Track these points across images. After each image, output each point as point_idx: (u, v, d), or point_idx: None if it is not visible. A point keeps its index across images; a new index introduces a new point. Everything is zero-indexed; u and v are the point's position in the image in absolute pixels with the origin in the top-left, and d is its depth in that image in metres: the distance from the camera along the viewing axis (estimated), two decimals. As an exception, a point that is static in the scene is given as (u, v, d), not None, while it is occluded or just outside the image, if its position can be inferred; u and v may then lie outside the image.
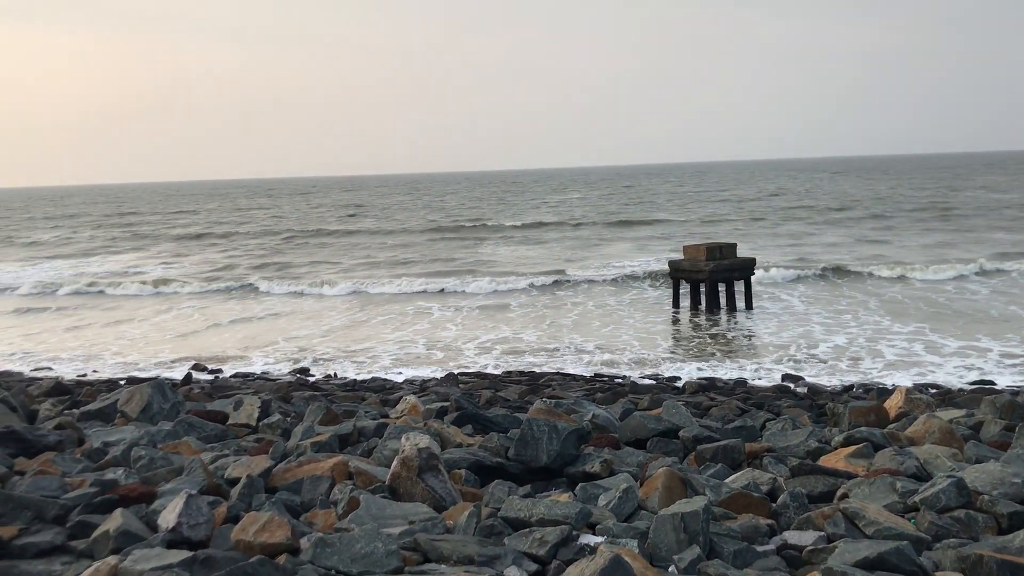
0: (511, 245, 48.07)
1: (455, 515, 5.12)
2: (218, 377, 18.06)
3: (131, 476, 5.99)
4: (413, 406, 9.22)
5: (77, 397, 12.08)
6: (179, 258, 48.07)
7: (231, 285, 34.17)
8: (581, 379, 16.96)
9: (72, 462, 6.65)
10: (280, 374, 18.61)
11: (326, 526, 5.02)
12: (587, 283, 31.06)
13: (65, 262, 47.79)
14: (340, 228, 62.20)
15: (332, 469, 5.94)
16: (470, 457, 6.49)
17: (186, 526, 4.68)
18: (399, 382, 17.16)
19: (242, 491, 5.51)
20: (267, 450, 6.83)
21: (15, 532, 4.79)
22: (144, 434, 7.45)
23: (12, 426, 7.28)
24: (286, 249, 50.36)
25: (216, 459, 6.56)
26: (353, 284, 32.94)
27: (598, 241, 48.11)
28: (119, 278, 37.40)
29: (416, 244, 50.09)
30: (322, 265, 41.82)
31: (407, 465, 5.51)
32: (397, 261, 42.07)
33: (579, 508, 4.94)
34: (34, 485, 5.53)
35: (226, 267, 41.54)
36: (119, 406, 8.75)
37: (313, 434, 7.25)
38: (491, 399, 13.12)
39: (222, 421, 8.47)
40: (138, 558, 4.26)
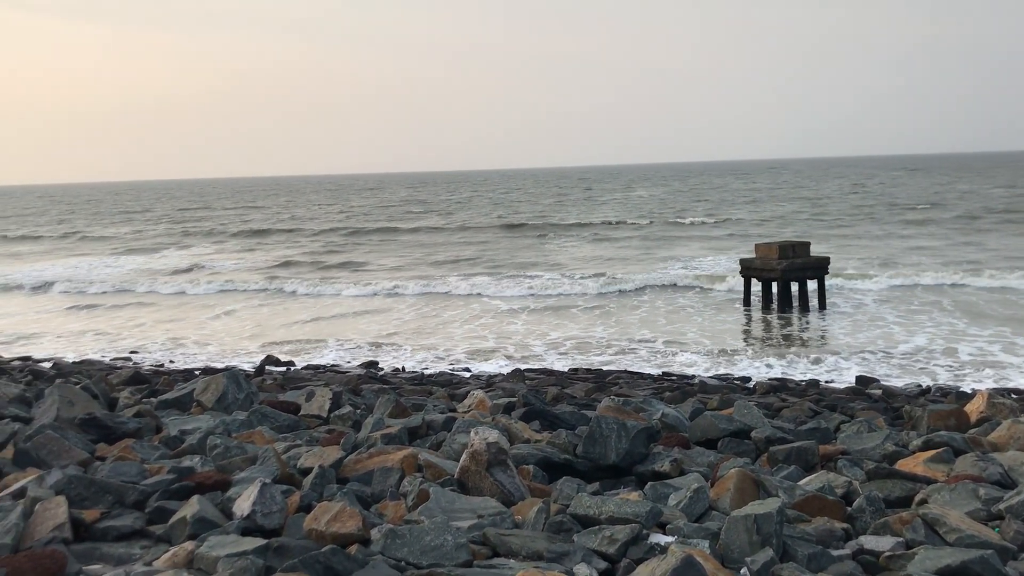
0: (577, 242, 47.89)
1: (524, 511, 5.11)
2: (289, 369, 18.36)
3: (207, 464, 6.13)
4: (481, 401, 9.26)
5: (155, 386, 12.40)
6: (250, 253, 49.04)
7: (299, 281, 34.70)
8: (648, 378, 16.82)
9: (150, 449, 6.83)
10: (349, 367, 18.84)
11: (396, 517, 5.06)
12: (655, 282, 30.78)
13: (140, 256, 49.13)
14: (405, 226, 62.62)
15: (402, 461, 5.99)
16: (538, 453, 6.48)
17: (260, 514, 4.76)
18: (466, 377, 17.23)
19: (314, 481, 5.59)
20: (338, 441, 6.91)
21: (97, 515, 4.94)
22: (219, 423, 7.61)
23: (94, 413, 7.52)
24: (352, 246, 50.99)
25: (289, 449, 6.67)
26: (421, 282, 33.20)
27: (666, 239, 47.60)
28: (191, 274, 38.28)
29: (482, 242, 50.19)
30: (388, 261, 42.25)
31: (476, 459, 5.52)
32: (463, 258, 42.24)
33: (649, 507, 4.89)
34: (115, 470, 5.69)
35: (293, 263, 42.18)
36: (195, 395, 8.95)
37: (383, 426, 7.32)
38: (557, 396, 13.09)
39: (294, 412, 8.60)
40: (214, 544, 4.35)
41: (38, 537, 4.57)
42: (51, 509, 4.73)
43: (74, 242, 61.46)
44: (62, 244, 60.20)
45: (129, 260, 47.21)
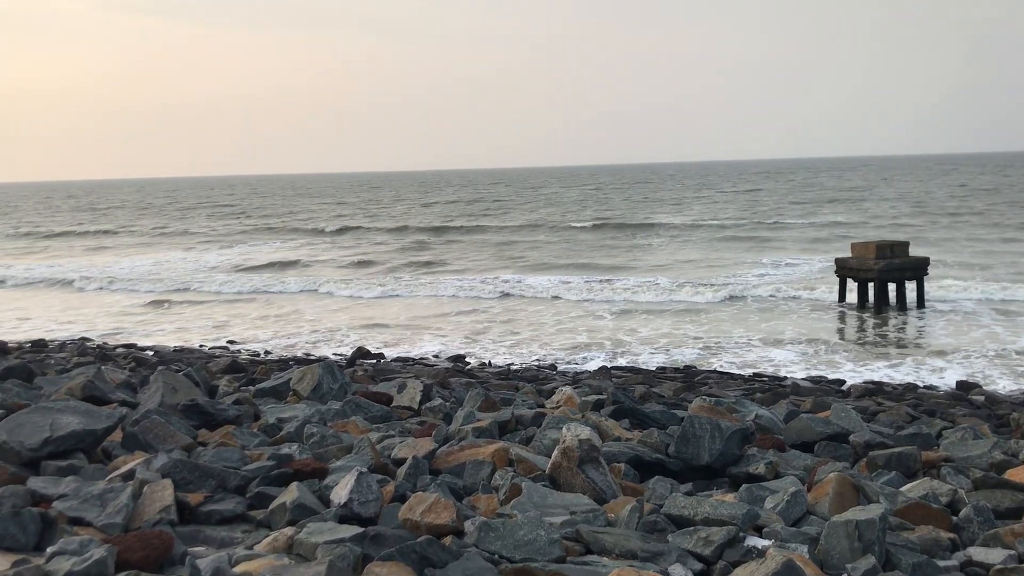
0: (668, 241, 47.32)
1: (616, 508, 5.08)
2: (379, 361, 18.67)
3: (304, 452, 6.26)
4: (569, 397, 9.23)
5: (252, 375, 12.74)
6: (340, 248, 49.98)
7: (389, 278, 35.17)
8: (739, 378, 16.55)
9: (250, 436, 7.02)
10: (437, 361, 19.06)
11: (489, 511, 5.08)
12: (748, 283, 30.21)
13: (228, 251, 50.53)
14: (492, 224, 62.68)
15: (493, 455, 6.01)
16: (629, 451, 6.43)
17: (357, 502, 4.84)
18: (552, 373, 17.24)
19: (408, 471, 5.66)
20: (430, 433, 6.99)
21: (201, 499, 5.09)
22: (315, 412, 7.78)
23: (196, 399, 7.76)
24: (442, 243, 51.44)
25: (382, 439, 6.77)
26: (508, 279, 33.30)
27: (759, 238, 46.59)
28: (276, 271, 39.08)
29: (572, 240, 49.96)
30: (475, 258, 42.49)
31: (568, 456, 5.51)
32: (552, 256, 42.17)
33: (746, 509, 4.80)
34: (217, 456, 5.87)
35: (382, 260, 42.70)
36: (292, 384, 9.17)
37: (474, 420, 7.37)
38: (645, 394, 12.99)
39: (386, 403, 8.73)
40: (312, 531, 4.44)
41: (146, 518, 4.74)
42: (158, 491, 4.90)
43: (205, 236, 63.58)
44: (214, 235, 62.37)
45: (213, 255, 48.65)
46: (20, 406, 6.97)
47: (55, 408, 5.97)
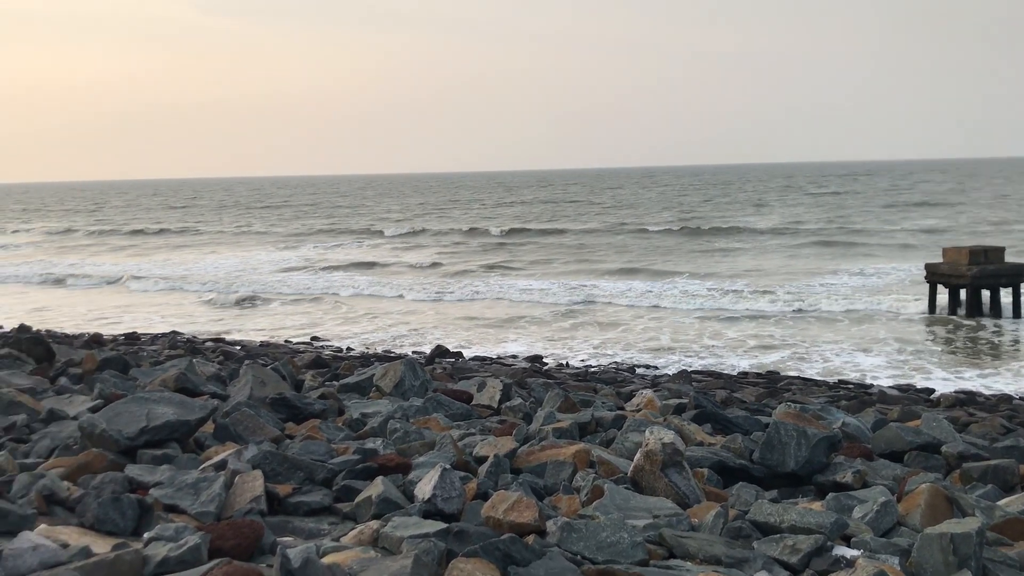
0: (748, 243, 46.51)
1: (700, 513, 5.03)
2: (458, 360, 18.82)
3: (388, 447, 6.36)
4: (650, 400, 9.17)
5: (336, 370, 12.98)
6: (417, 251, 50.48)
7: (463, 279, 35.34)
8: (823, 385, 16.19)
9: (335, 430, 7.16)
10: (515, 360, 19.12)
11: (570, 511, 5.08)
12: (832, 289, 29.48)
13: (307, 250, 51.49)
14: (570, 227, 62.25)
15: (574, 456, 6.01)
16: (712, 456, 6.36)
17: (440, 498, 4.90)
18: (630, 376, 17.13)
19: (489, 469, 5.69)
20: (510, 432, 7.02)
21: (289, 490, 5.22)
22: (397, 408, 7.88)
23: (284, 393, 7.95)
24: (515, 244, 51.47)
25: (463, 437, 6.83)
26: (582, 284, 33.20)
27: (845, 244, 45.28)
28: (354, 271, 39.63)
29: (654, 244, 49.37)
30: (551, 261, 42.42)
31: (651, 459, 5.47)
32: (631, 259, 41.85)
33: (834, 518, 4.69)
34: (304, 449, 6.00)
35: (455, 262, 42.82)
36: (375, 381, 9.31)
37: (554, 420, 7.38)
38: (726, 399, 12.82)
39: (467, 401, 8.80)
40: (397, 525, 4.51)
41: (237, 507, 4.88)
42: (249, 482, 5.03)
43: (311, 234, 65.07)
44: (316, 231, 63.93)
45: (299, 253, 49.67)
46: (117, 396, 7.24)
47: (151, 399, 6.18)
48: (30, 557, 3.83)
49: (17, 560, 3.80)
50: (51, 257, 49.89)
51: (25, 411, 6.95)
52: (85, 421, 5.83)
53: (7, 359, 9.34)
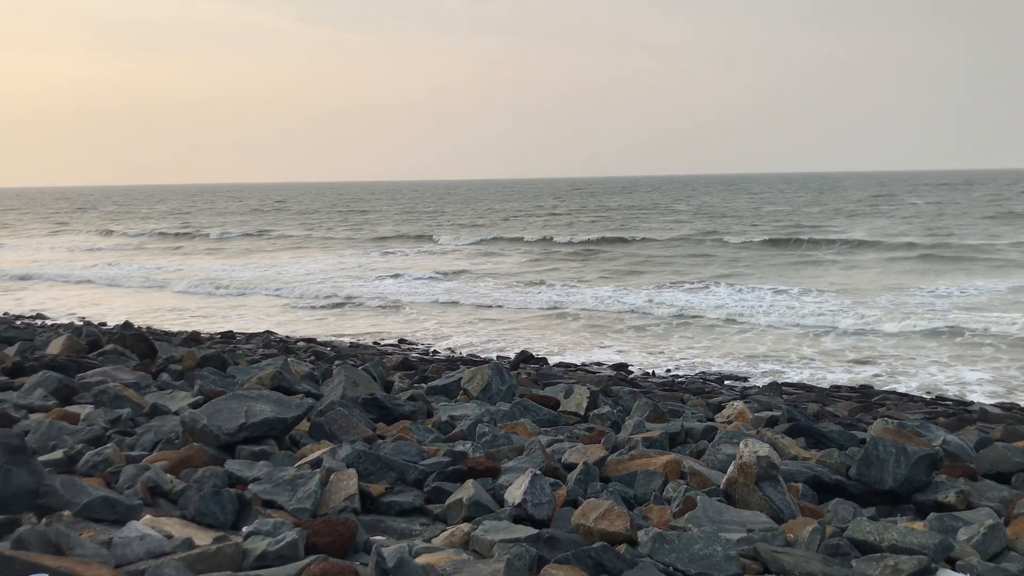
0: (839, 255, 45.25)
1: (796, 529, 4.91)
2: (543, 366, 18.82)
3: (477, 450, 6.40)
4: (741, 412, 9.02)
5: (424, 373, 13.12)
6: (501, 258, 50.69)
7: (550, 287, 35.30)
8: (919, 400, 15.65)
9: (425, 431, 7.24)
10: (599, 368, 19.02)
11: (662, 522, 5.03)
12: (929, 305, 28.48)
13: (392, 257, 52.18)
14: (654, 236, 61.55)
15: (665, 466, 5.95)
16: (807, 471, 6.22)
17: (531, 504, 4.90)
18: (718, 387, 16.87)
19: (579, 476, 5.68)
20: (599, 440, 6.98)
21: (382, 490, 5.30)
22: (485, 412, 7.94)
23: (375, 394, 8.08)
24: (602, 252, 51.22)
25: (551, 443, 6.83)
26: (667, 290, 32.85)
27: (944, 258, 43.47)
28: (441, 278, 39.91)
29: (741, 255, 48.51)
30: (635, 269, 42.09)
31: (745, 472, 5.38)
32: (717, 268, 41.23)
33: (939, 539, 4.53)
34: (396, 449, 6.08)
35: (543, 269, 42.66)
36: (462, 384, 9.39)
37: (643, 429, 7.32)
38: (818, 413, 12.50)
39: (553, 407, 8.80)
40: (488, 528, 4.53)
41: (332, 505, 4.97)
42: (343, 480, 5.12)
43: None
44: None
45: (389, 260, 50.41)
46: (216, 393, 7.47)
47: (250, 396, 6.35)
48: (137, 546, 3.97)
49: (125, 548, 3.94)
50: (152, 259, 51.78)
51: (130, 405, 7.22)
52: (187, 416, 6.02)
53: (112, 355, 9.73)
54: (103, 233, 73.38)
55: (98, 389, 7.44)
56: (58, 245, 61.99)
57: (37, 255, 54.12)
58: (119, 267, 44.97)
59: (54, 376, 7.84)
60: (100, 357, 9.60)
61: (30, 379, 7.96)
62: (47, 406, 7.24)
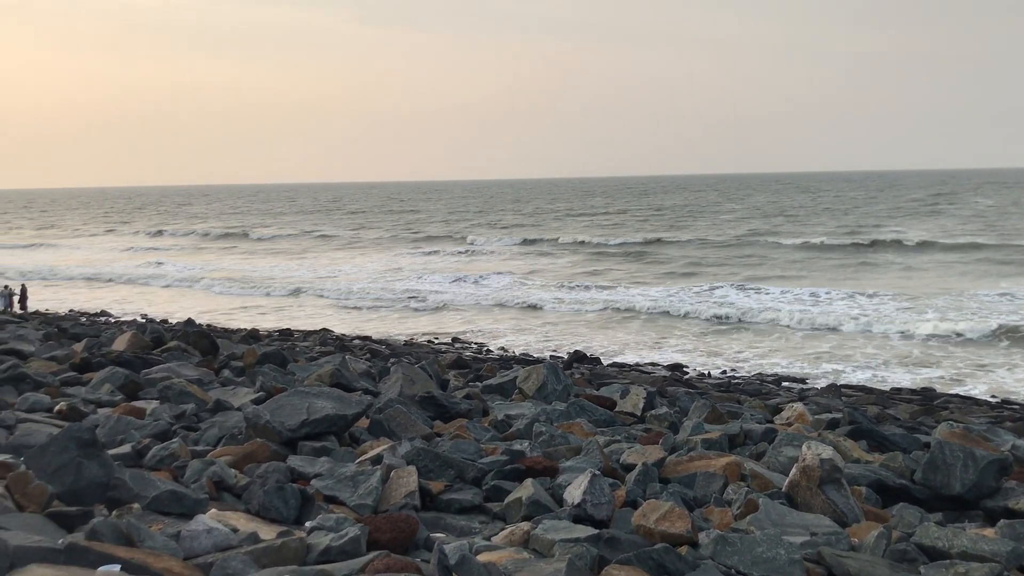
0: (900, 256, 44.15)
1: (860, 533, 4.82)
2: (596, 366, 18.77)
3: (535, 449, 6.40)
4: (800, 414, 8.90)
5: (479, 371, 13.16)
6: (549, 259, 50.54)
7: (603, 288, 35.09)
8: (984, 404, 15.27)
9: (481, 430, 7.26)
10: (654, 368, 18.90)
11: (723, 524, 4.97)
12: (993, 307, 27.69)
13: (450, 258, 52.28)
14: (711, 236, 60.59)
15: (725, 468, 5.88)
16: (870, 475, 6.10)
17: (590, 504, 4.88)
18: (775, 388, 16.65)
19: (637, 477, 5.65)
20: (657, 440, 6.93)
21: (441, 487, 5.32)
22: (541, 411, 7.93)
23: (432, 392, 8.13)
24: (656, 252, 50.74)
25: (609, 443, 6.80)
26: (722, 293, 32.48)
27: (1010, 261, 41.96)
28: (495, 278, 39.76)
29: (798, 256, 47.52)
30: (690, 269, 41.62)
31: (808, 475, 5.29)
32: (774, 269, 40.56)
33: (1011, 547, 4.41)
34: (455, 447, 6.10)
35: (598, 270, 42.28)
36: (517, 383, 9.40)
37: (702, 431, 7.25)
38: (879, 415, 12.27)
39: (610, 407, 8.76)
40: (548, 528, 4.52)
41: (393, 502, 5.01)
42: (404, 477, 5.16)
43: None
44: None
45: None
46: (278, 389, 7.58)
47: (311, 393, 6.43)
48: (205, 539, 4.04)
49: (193, 542, 4.01)
50: (211, 258, 52.71)
51: (194, 401, 7.37)
52: (250, 412, 6.12)
53: (176, 351, 9.93)
54: (154, 234, 74.64)
55: (163, 385, 7.60)
56: (115, 245, 63.49)
57: (97, 255, 55.47)
58: (174, 266, 45.88)
59: (121, 372, 8.02)
60: (164, 354, 9.81)
61: (98, 375, 8.16)
62: (114, 401, 7.42)
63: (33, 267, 46.76)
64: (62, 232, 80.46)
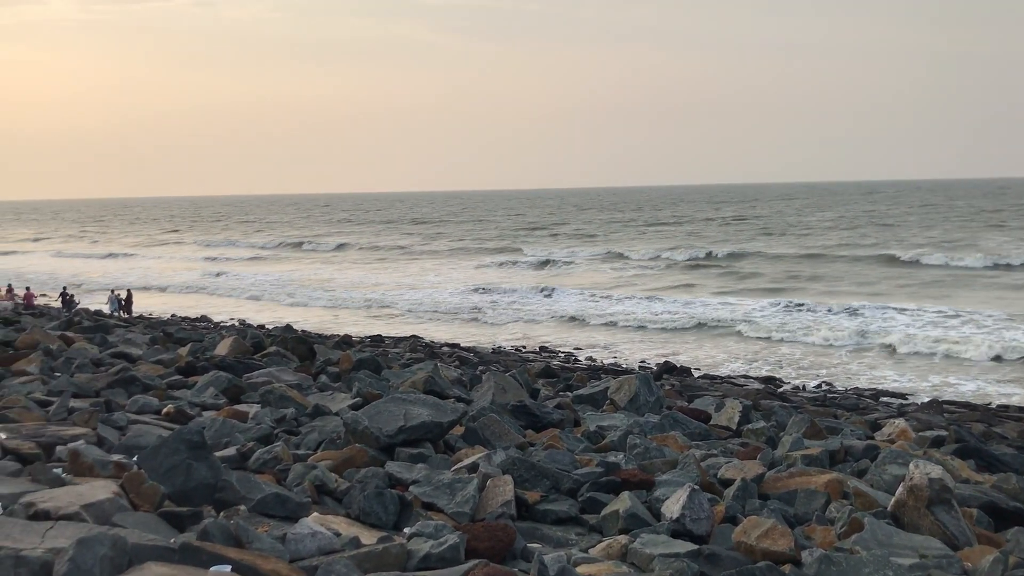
0: (994, 268, 41.74)
1: (973, 557, 4.63)
2: (686, 377, 18.52)
3: (629, 462, 6.34)
4: (903, 431, 8.62)
5: (568, 381, 13.13)
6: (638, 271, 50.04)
7: (695, 300, 34.56)
8: (1100, 425, 14.50)
9: (574, 440, 7.23)
10: (746, 380, 18.55)
11: (826, 543, 4.84)
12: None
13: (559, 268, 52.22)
14: (819, 248, 58.16)
15: (826, 485, 5.74)
16: (982, 496, 5.86)
17: (689, 519, 4.82)
18: (873, 404, 16.15)
19: (736, 493, 5.55)
20: (755, 455, 6.80)
21: (537, 497, 5.32)
22: (634, 423, 7.85)
23: (524, 401, 8.14)
24: (747, 263, 49.69)
25: (705, 457, 6.69)
26: (824, 305, 31.63)
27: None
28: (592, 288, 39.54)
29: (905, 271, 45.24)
30: (783, 281, 40.57)
31: (915, 494, 5.11)
32: (879, 279, 38.96)
33: None
34: (549, 457, 6.09)
35: (695, 283, 41.39)
36: (609, 393, 9.34)
37: (802, 446, 7.08)
38: (985, 433, 11.78)
39: (704, 420, 8.63)
40: (647, 542, 4.48)
41: (489, 510, 5.02)
42: (500, 486, 5.17)
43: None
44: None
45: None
46: (373, 395, 7.71)
47: (407, 400, 6.51)
48: (309, 542, 4.13)
49: (298, 544, 4.10)
50: (301, 267, 53.97)
51: (294, 405, 7.54)
52: (349, 418, 6.23)
53: (275, 356, 10.19)
54: (244, 244, 75.45)
55: (264, 389, 7.80)
56: (219, 254, 65.46)
57: (170, 264, 57.10)
58: (256, 277, 46.98)
59: (224, 376, 8.27)
60: (264, 358, 10.08)
61: (202, 378, 8.44)
62: (218, 404, 7.65)
63: (137, 275, 48.61)
64: (173, 236, 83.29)
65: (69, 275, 47.13)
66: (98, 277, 47.92)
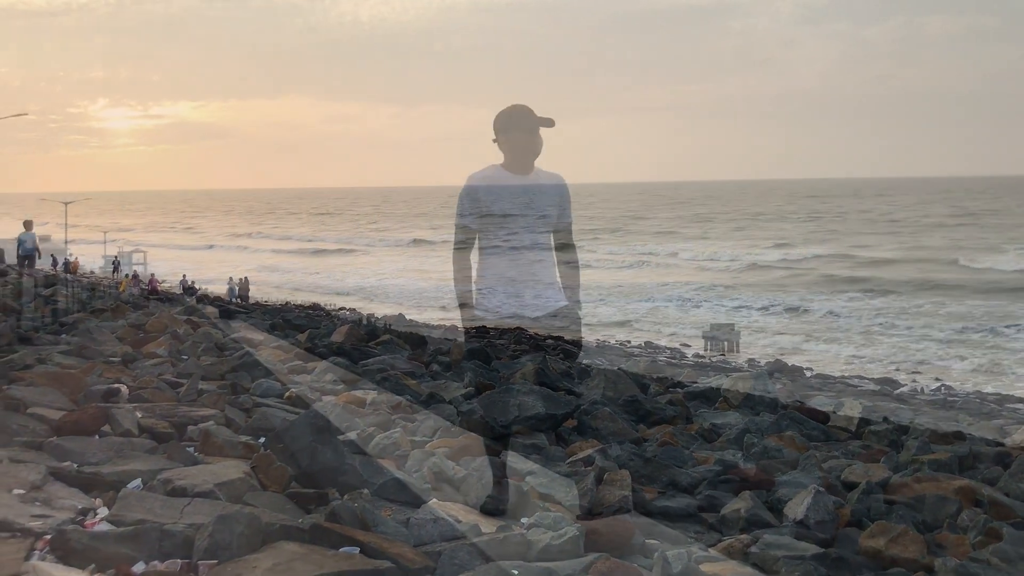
0: None
1: (1123, 575, 4.37)
2: (799, 376, 18.10)
3: (748, 461, 6.21)
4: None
5: (678, 377, 13.00)
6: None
7: (815, 295, 33.67)
8: None
9: (688, 438, 7.14)
10: (860, 381, 18.01)
11: (959, 552, 4.64)
12: None
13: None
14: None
15: (958, 492, 5.50)
16: None
17: (813, 521, 4.70)
18: (998, 408, 15.46)
19: (860, 496, 5.37)
20: (878, 458, 6.58)
21: (655, 494, 5.27)
22: (749, 422, 7.70)
23: (636, 396, 8.08)
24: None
25: (826, 459, 6.51)
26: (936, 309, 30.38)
27: None
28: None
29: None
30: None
31: (1059, 506, 4.85)
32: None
33: None
34: (665, 454, 6.03)
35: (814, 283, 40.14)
36: (723, 391, 9.18)
37: (928, 450, 6.81)
38: (1125, 444, 11.11)
39: (823, 421, 8.40)
40: (770, 543, 4.37)
41: (606, 504, 4.99)
42: (617, 480, 5.14)
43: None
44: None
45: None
46: (485, 385, 7.75)
47: (521, 391, 6.51)
48: (432, 528, 4.19)
49: (422, 529, 4.17)
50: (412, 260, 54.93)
51: (409, 392, 7.66)
52: (464, 407, 6.29)
53: (389, 344, 10.39)
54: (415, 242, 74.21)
55: (381, 376, 7.96)
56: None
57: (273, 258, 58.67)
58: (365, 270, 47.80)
59: (342, 362, 8.47)
60: (378, 346, 10.28)
61: (320, 364, 8.65)
62: (336, 390, 7.83)
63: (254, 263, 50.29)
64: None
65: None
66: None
